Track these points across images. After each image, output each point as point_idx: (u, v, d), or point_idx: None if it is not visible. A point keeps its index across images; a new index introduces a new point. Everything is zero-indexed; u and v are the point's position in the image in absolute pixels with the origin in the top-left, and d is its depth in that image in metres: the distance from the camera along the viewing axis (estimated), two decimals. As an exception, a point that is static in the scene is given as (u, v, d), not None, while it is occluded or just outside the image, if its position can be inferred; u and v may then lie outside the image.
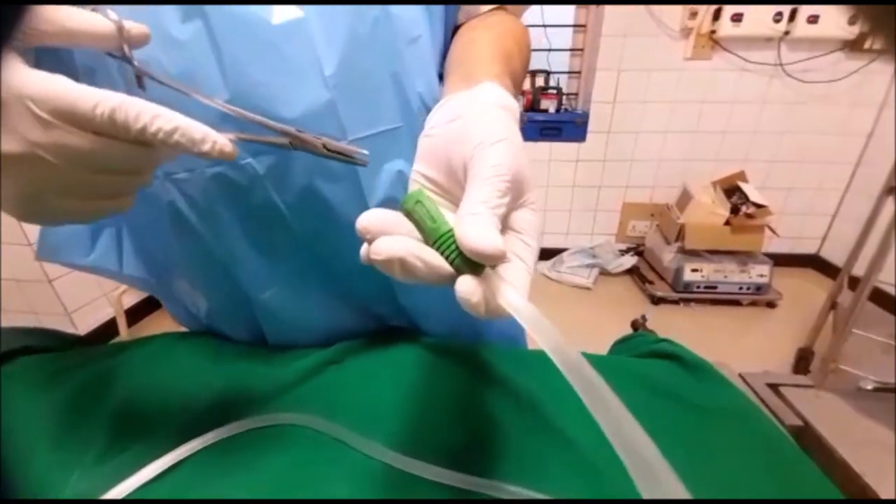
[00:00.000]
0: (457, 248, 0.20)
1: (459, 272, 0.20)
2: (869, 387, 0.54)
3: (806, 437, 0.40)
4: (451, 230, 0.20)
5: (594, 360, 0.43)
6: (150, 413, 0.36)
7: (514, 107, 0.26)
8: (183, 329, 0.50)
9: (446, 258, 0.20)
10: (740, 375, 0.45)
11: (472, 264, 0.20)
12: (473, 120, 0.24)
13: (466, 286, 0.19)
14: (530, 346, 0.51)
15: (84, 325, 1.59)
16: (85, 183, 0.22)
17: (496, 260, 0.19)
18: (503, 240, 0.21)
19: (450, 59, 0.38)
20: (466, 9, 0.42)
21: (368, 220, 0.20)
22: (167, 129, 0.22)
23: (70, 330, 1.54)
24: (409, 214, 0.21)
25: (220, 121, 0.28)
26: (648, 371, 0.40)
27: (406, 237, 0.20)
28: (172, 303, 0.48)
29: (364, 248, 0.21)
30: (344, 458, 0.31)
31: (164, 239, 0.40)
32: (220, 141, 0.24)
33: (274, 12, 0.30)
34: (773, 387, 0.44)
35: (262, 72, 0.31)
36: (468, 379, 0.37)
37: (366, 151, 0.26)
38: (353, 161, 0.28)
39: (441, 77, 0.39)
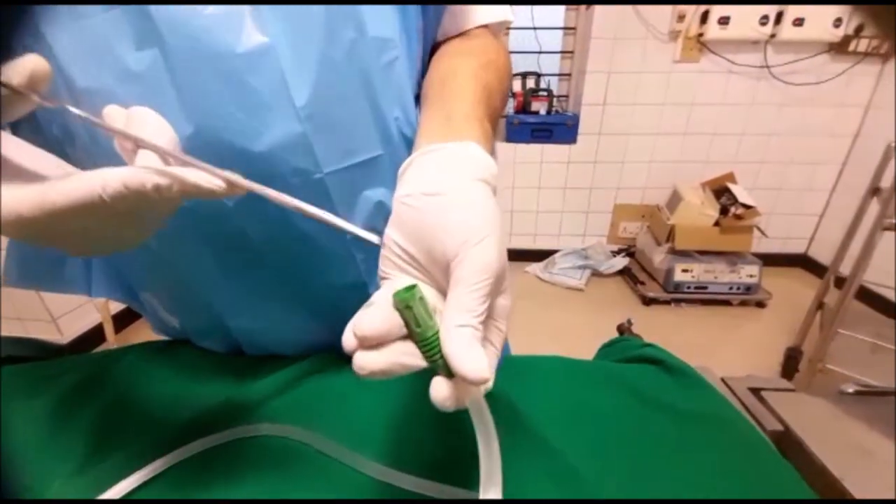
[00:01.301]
0: (440, 350, 0.21)
1: (437, 366, 0.21)
2: (850, 390, 0.54)
3: (786, 441, 0.41)
4: (435, 333, 0.21)
5: (581, 365, 0.43)
6: (129, 425, 0.35)
7: (493, 171, 0.26)
8: (162, 338, 0.50)
9: (429, 356, 0.21)
10: (722, 380, 0.45)
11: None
12: (456, 206, 0.23)
13: (440, 393, 0.20)
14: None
15: (70, 331, 1.57)
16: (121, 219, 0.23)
17: (480, 384, 0.20)
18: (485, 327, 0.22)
19: (428, 85, 0.36)
20: (445, 28, 0.40)
21: (365, 328, 0.20)
22: (177, 188, 0.22)
23: (55, 336, 1.52)
24: (399, 310, 0.21)
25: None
26: (633, 377, 0.40)
27: (391, 348, 0.21)
28: (148, 315, 0.48)
29: (349, 343, 0.21)
30: (325, 470, 0.30)
31: (134, 266, 0.39)
32: (219, 179, 0.23)
33: (239, 39, 0.28)
34: (756, 391, 0.45)
35: (226, 104, 0.29)
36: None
37: (376, 239, 0.24)
38: (364, 240, 0.26)
39: (418, 98, 0.37)
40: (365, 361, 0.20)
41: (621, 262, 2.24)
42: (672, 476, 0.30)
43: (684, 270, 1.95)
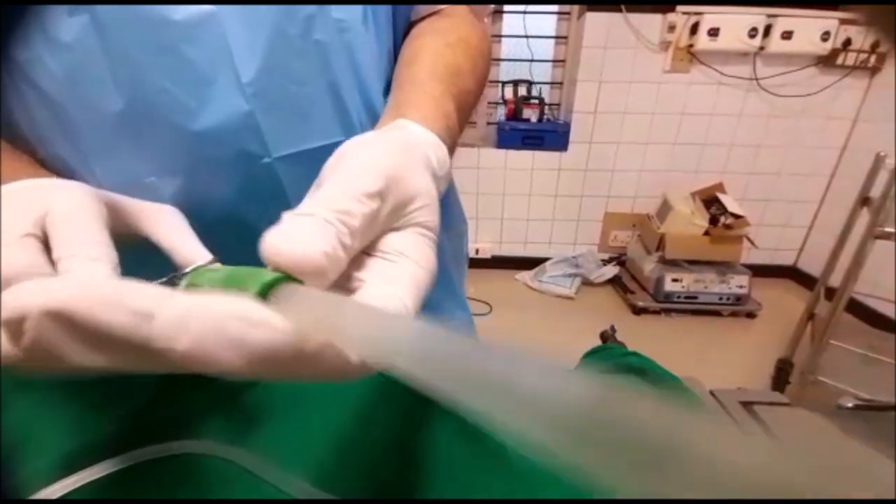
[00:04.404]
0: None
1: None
2: (849, 404, 0.51)
3: (781, 461, 0.37)
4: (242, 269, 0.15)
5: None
6: (38, 439, 0.31)
7: (426, 141, 0.23)
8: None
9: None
10: (711, 392, 0.42)
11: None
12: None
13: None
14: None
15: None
16: None
17: (309, 270, 0.13)
18: (368, 264, 0.16)
19: (396, 70, 0.34)
20: (419, 7, 0.37)
21: None
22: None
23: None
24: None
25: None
26: (613, 388, 0.36)
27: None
28: None
29: None
30: (251, 493, 0.26)
31: None
32: None
33: (178, 6, 0.26)
34: (747, 405, 0.41)
35: (162, 76, 0.26)
36: (414, 400, 0.33)
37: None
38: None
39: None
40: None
41: (612, 270, 2.22)
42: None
43: (674, 280, 1.93)
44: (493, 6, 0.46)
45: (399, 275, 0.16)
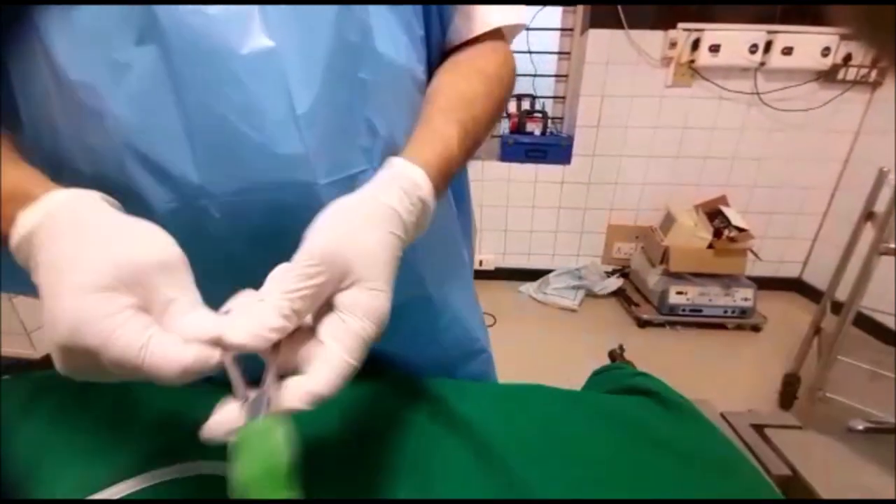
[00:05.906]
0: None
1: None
2: (860, 427, 0.51)
3: (794, 487, 0.37)
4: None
5: (567, 396, 0.40)
6: (64, 455, 0.32)
7: (409, 181, 0.27)
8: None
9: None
10: (722, 415, 0.42)
11: None
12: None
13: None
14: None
15: (44, 345, 1.50)
16: None
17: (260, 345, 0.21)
18: (326, 320, 0.23)
19: (424, 102, 0.36)
20: (458, 29, 0.39)
21: None
22: None
23: (28, 350, 1.46)
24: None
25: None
26: (623, 410, 0.36)
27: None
28: None
29: None
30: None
31: None
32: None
33: (243, 40, 0.27)
34: (758, 427, 0.41)
35: (223, 105, 0.28)
36: (426, 420, 0.33)
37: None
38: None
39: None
40: None
41: (615, 282, 2.22)
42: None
43: (679, 293, 1.92)
44: (524, 24, 0.47)
45: (346, 334, 0.23)
